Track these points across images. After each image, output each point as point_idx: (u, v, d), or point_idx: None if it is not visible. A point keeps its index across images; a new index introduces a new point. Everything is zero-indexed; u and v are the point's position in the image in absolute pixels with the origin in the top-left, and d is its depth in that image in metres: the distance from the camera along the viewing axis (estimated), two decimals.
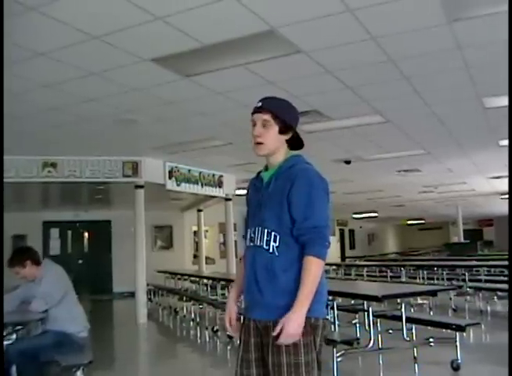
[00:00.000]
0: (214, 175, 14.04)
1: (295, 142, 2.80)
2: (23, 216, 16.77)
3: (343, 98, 7.70)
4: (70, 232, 18.57)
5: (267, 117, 2.70)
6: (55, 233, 18.04)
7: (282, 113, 2.72)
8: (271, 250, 2.63)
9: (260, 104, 2.74)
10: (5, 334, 5.96)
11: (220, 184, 14.33)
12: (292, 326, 2.45)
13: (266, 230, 2.65)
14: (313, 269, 2.51)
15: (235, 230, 16.17)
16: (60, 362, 5.01)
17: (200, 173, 13.51)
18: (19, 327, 5.53)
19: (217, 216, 17.36)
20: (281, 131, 2.71)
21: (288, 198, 2.60)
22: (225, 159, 12.25)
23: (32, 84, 6.79)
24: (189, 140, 10.28)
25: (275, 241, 2.62)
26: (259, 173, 2.89)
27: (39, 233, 16.71)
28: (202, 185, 13.58)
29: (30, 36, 5.38)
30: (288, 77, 6.77)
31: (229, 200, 15.05)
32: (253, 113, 2.76)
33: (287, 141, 2.76)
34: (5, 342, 5.62)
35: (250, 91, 6.86)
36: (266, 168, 2.84)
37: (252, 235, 2.74)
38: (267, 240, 2.64)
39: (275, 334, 2.49)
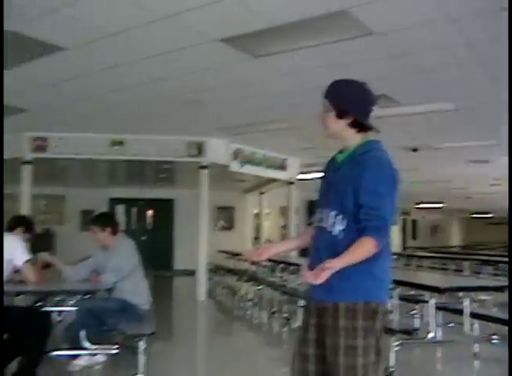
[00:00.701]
0: (278, 158, 14.04)
1: (361, 126, 2.75)
2: (91, 192, 17.26)
3: (414, 83, 7.56)
4: (134, 209, 18.96)
5: (325, 101, 2.77)
6: (120, 209, 18.44)
7: (339, 98, 2.74)
8: (335, 232, 2.65)
9: (324, 90, 2.78)
10: (74, 301, 6.23)
11: (284, 167, 14.30)
12: (324, 265, 2.44)
13: (332, 213, 2.67)
14: (364, 246, 2.51)
15: (296, 214, 16.15)
16: (124, 331, 5.19)
17: (264, 155, 13.51)
18: (88, 296, 5.75)
19: (279, 199, 17.39)
20: (338, 116, 2.72)
21: (356, 184, 2.59)
22: (290, 142, 12.22)
23: (104, 63, 6.94)
24: (255, 122, 10.27)
25: (340, 224, 2.63)
26: (335, 155, 2.89)
27: (106, 209, 17.07)
28: (265, 167, 13.60)
29: (101, 16, 5.50)
30: (358, 60, 6.63)
31: (292, 183, 15.01)
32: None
33: (353, 125, 2.74)
34: (74, 308, 5.88)
35: (319, 73, 6.80)
36: (341, 151, 2.84)
37: (320, 216, 2.77)
38: (332, 223, 2.66)
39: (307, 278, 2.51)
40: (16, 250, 4.95)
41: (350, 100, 2.73)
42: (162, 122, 10.44)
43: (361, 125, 2.74)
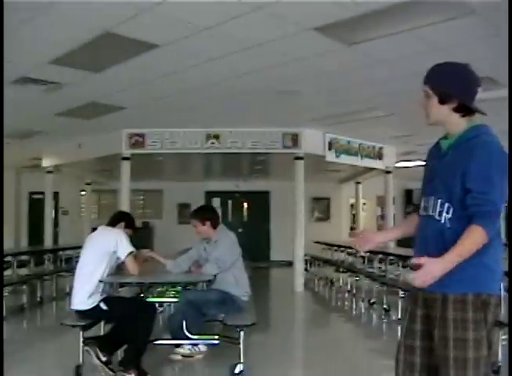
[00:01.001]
0: (374, 147, 13.80)
1: (466, 110, 2.62)
2: (188, 186, 17.67)
3: None
4: (230, 201, 19.21)
5: (426, 87, 2.66)
6: (216, 202, 18.68)
7: (439, 82, 2.63)
8: (443, 221, 2.55)
9: (425, 75, 2.68)
10: (175, 292, 6.40)
11: (380, 156, 14.05)
12: (432, 266, 2.38)
13: (439, 201, 2.58)
14: (475, 237, 2.40)
15: (394, 204, 15.89)
16: (226, 321, 5.28)
17: (360, 145, 13.32)
18: (189, 288, 5.88)
19: (375, 189, 17.15)
20: (441, 102, 2.61)
21: (465, 170, 2.48)
22: (386, 130, 11.99)
23: (198, 58, 7.02)
24: (350, 111, 10.14)
25: (447, 212, 2.54)
26: (438, 141, 2.79)
27: (202, 202, 17.39)
28: (361, 157, 13.39)
29: (193, 12, 5.55)
30: (458, 42, 6.33)
31: (389, 172, 14.74)
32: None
33: (458, 109, 2.62)
34: (175, 300, 6.03)
35: (415, 58, 6.59)
36: (446, 137, 2.73)
37: (426, 204, 2.68)
38: (439, 211, 2.57)
39: (414, 260, 2.45)
40: (120, 243, 5.12)
41: (452, 83, 2.61)
42: (257, 114, 10.49)
43: (466, 109, 2.62)
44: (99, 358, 4.87)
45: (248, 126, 11.51)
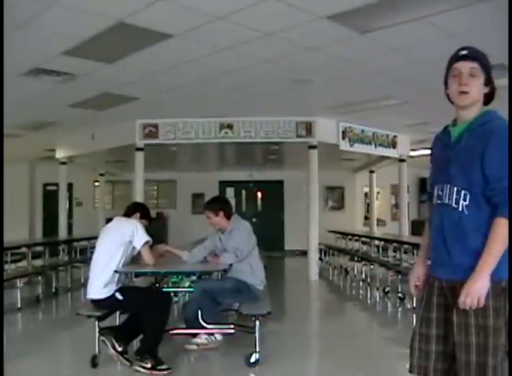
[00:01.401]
0: (388, 136, 13.72)
1: (490, 97, 2.65)
2: (202, 176, 17.72)
3: None
4: (244, 191, 19.21)
5: (475, 64, 2.60)
6: (230, 192, 18.71)
7: (488, 64, 2.62)
8: (460, 208, 2.53)
9: (465, 52, 2.62)
10: (190, 282, 6.42)
11: (394, 145, 13.97)
12: (474, 286, 2.39)
13: (456, 188, 2.55)
14: (501, 231, 2.39)
15: (408, 192, 15.82)
16: (241, 311, 5.29)
17: (374, 133, 13.25)
18: (205, 277, 5.89)
19: (389, 177, 17.10)
20: (485, 83, 2.61)
21: (481, 156, 2.46)
22: (400, 119, 11.92)
23: (211, 48, 7.01)
24: (364, 99, 10.10)
25: (464, 200, 2.52)
26: (446, 128, 2.76)
27: (216, 192, 17.40)
28: (375, 145, 13.32)
29: (207, 1, 5.55)
30: (471, 29, 6.25)
31: (403, 161, 14.69)
32: (455, 61, 2.64)
33: (487, 95, 2.63)
34: (191, 289, 6.04)
35: (429, 46, 6.53)
36: (454, 123, 2.71)
37: (440, 193, 2.65)
38: (456, 199, 2.55)
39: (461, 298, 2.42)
40: (135, 232, 5.13)
41: (491, 69, 2.64)
42: (270, 104, 10.46)
43: (491, 96, 2.65)
44: (114, 348, 4.91)
45: (262, 115, 11.48)
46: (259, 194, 19.32)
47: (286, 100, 10.18)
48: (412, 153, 15.02)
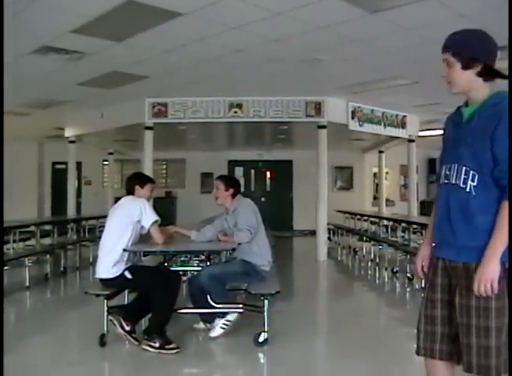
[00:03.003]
0: (397, 116, 13.66)
1: (490, 73, 2.58)
2: (211, 155, 17.72)
3: None
4: (253, 171, 19.20)
5: (447, 55, 2.60)
6: (239, 171, 18.72)
7: (462, 48, 2.57)
8: (468, 189, 2.51)
9: (443, 43, 2.63)
10: (197, 262, 6.43)
11: (403, 125, 13.91)
12: (485, 272, 2.39)
13: (464, 168, 2.53)
14: (506, 215, 2.38)
15: (417, 173, 15.79)
16: (250, 290, 5.29)
17: (383, 113, 13.19)
18: (211, 262, 5.89)
19: (398, 158, 17.02)
20: (464, 67, 2.55)
21: (492, 136, 2.43)
22: (409, 99, 11.84)
23: (221, 26, 6.97)
24: (374, 79, 10.04)
25: (473, 180, 2.49)
26: (459, 108, 2.73)
27: (225, 172, 17.40)
28: (385, 125, 13.27)
29: None
30: (483, 9, 6.24)
31: (412, 141, 14.62)
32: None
33: (482, 73, 2.56)
34: (199, 268, 6.05)
35: (440, 26, 6.39)
36: (467, 104, 2.68)
37: (447, 172, 2.63)
38: (464, 179, 2.52)
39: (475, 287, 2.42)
40: (144, 211, 5.13)
41: (475, 46, 2.57)
42: (280, 83, 10.41)
43: (491, 71, 2.57)
44: (122, 327, 4.94)
45: (271, 95, 11.44)
46: (268, 174, 19.31)
47: (296, 80, 10.12)
48: (422, 134, 14.94)
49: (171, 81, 10.15)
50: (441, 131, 2.86)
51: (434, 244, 2.79)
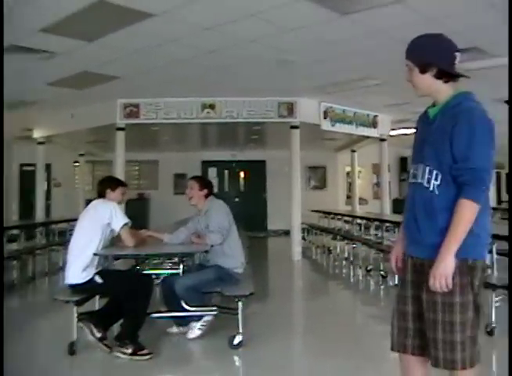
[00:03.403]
0: (368, 115, 13.77)
1: (447, 75, 2.67)
2: (184, 156, 17.66)
3: (506, 34, 7.19)
4: (226, 171, 19.17)
5: (407, 61, 2.74)
6: (213, 172, 18.70)
7: (416, 53, 2.71)
8: (431, 188, 2.61)
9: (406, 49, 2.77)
10: (170, 265, 6.36)
11: (375, 124, 14.03)
12: (439, 268, 2.48)
13: (428, 168, 2.63)
14: (465, 213, 2.48)
15: (389, 171, 15.91)
16: (224, 292, 5.26)
17: (355, 113, 13.29)
18: (186, 259, 5.84)
19: (370, 157, 17.16)
20: (422, 71, 2.68)
21: (450, 136, 2.53)
22: (380, 99, 11.96)
23: (193, 27, 6.96)
24: (345, 80, 10.12)
25: (436, 179, 2.60)
26: (426, 109, 2.82)
27: (198, 172, 17.35)
28: (356, 125, 13.38)
29: None
30: (449, 13, 6.41)
31: (384, 140, 14.76)
32: None
33: (439, 76, 2.66)
34: (172, 271, 6.00)
35: (408, 28, 6.48)
36: (433, 104, 2.77)
37: (415, 172, 2.73)
38: (428, 178, 2.63)
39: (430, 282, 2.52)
40: (114, 214, 5.04)
41: (428, 51, 2.68)
42: (252, 84, 10.41)
43: (447, 74, 2.67)
44: (93, 334, 4.80)
45: (244, 95, 11.45)
46: (242, 174, 19.29)
47: (268, 80, 10.13)
48: (393, 133, 15.09)
49: (143, 82, 10.08)
50: (413, 131, 2.95)
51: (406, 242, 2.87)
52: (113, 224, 5.05)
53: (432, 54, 2.65)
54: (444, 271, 2.46)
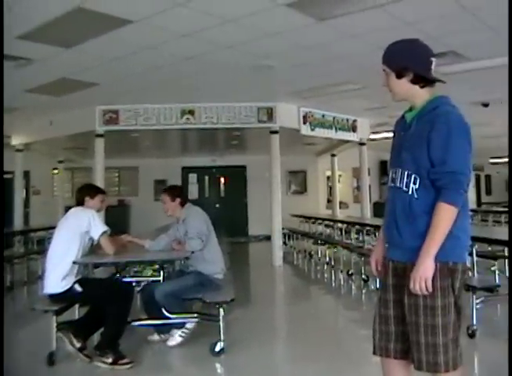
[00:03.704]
0: (348, 120, 13.83)
1: (423, 80, 2.69)
2: (164, 162, 17.58)
3: (482, 38, 7.26)
4: (207, 177, 19.10)
5: (383, 66, 2.77)
6: (193, 178, 18.62)
7: (392, 58, 2.73)
8: (410, 192, 2.63)
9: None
10: (151, 272, 6.33)
11: (354, 128, 14.09)
12: (418, 271, 2.50)
13: (406, 172, 2.65)
14: (443, 216, 2.50)
15: (369, 175, 15.99)
16: (205, 299, 5.24)
17: (334, 118, 13.34)
18: (166, 265, 5.82)
19: (350, 161, 17.19)
20: (398, 76, 2.70)
21: (427, 140, 2.56)
22: (359, 103, 12.01)
23: (171, 34, 6.97)
24: (324, 84, 10.15)
25: (414, 183, 2.62)
26: (404, 114, 2.84)
27: (178, 178, 17.34)
28: (336, 129, 13.42)
29: None
30: (425, 18, 6.48)
31: (363, 144, 14.82)
32: None
33: (415, 81, 2.68)
34: (153, 278, 5.97)
35: (386, 33, 6.54)
36: (410, 109, 2.79)
37: (393, 176, 2.75)
38: (406, 182, 2.65)
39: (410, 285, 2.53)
40: (92, 222, 5.00)
41: (404, 56, 2.70)
42: (231, 89, 10.42)
43: (423, 79, 2.69)
44: (73, 344, 4.74)
45: (223, 101, 11.45)
46: (222, 180, 19.24)
47: (247, 86, 10.15)
48: (373, 137, 15.17)
49: (122, 88, 10.04)
50: (391, 134, 2.96)
51: (386, 245, 2.88)
52: (91, 232, 5.02)
53: (408, 59, 2.67)
54: (424, 274, 2.47)
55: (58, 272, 4.83)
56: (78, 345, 4.76)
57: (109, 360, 4.67)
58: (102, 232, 5.05)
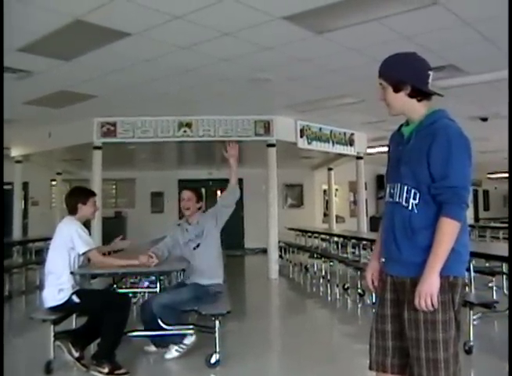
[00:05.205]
0: (345, 134, 13.90)
1: (420, 94, 2.68)
2: (161, 175, 17.60)
3: (481, 51, 7.29)
4: (203, 190, 19.06)
5: (380, 80, 2.74)
6: None
7: (389, 72, 2.71)
8: (410, 207, 2.60)
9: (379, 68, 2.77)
10: (148, 283, 6.32)
11: (351, 142, 14.16)
12: (424, 287, 2.46)
13: (406, 187, 2.62)
14: (446, 231, 2.47)
15: (366, 189, 16.02)
16: (201, 311, 5.23)
17: (331, 131, 13.41)
18: (163, 278, 5.81)
19: (347, 175, 17.24)
20: (395, 90, 2.68)
21: (427, 155, 2.53)
22: (356, 117, 12.07)
23: (169, 47, 7.02)
24: (321, 98, 10.19)
25: (414, 198, 2.59)
26: (400, 127, 2.83)
27: (175, 191, 17.33)
28: (333, 143, 13.49)
29: (168, 0, 5.57)
30: (423, 31, 6.50)
31: (361, 158, 14.88)
32: None
33: (412, 95, 2.67)
34: (149, 290, 5.96)
35: (383, 46, 6.62)
36: (407, 123, 2.78)
37: (392, 191, 2.72)
38: (406, 197, 2.62)
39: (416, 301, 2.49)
40: (75, 240, 4.95)
41: (401, 70, 2.68)
42: (228, 102, 10.47)
43: (420, 93, 2.67)
44: (71, 353, 4.75)
45: (220, 114, 11.50)
46: (219, 193, 19.20)
47: (245, 99, 10.20)
48: (370, 151, 15.20)
49: (119, 101, 10.09)
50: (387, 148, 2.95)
51: (383, 260, 2.85)
52: (76, 249, 4.97)
53: (405, 73, 2.66)
54: (429, 289, 2.45)
55: (55, 286, 4.85)
56: (76, 354, 4.77)
57: (106, 370, 4.66)
58: (85, 251, 5.00)
